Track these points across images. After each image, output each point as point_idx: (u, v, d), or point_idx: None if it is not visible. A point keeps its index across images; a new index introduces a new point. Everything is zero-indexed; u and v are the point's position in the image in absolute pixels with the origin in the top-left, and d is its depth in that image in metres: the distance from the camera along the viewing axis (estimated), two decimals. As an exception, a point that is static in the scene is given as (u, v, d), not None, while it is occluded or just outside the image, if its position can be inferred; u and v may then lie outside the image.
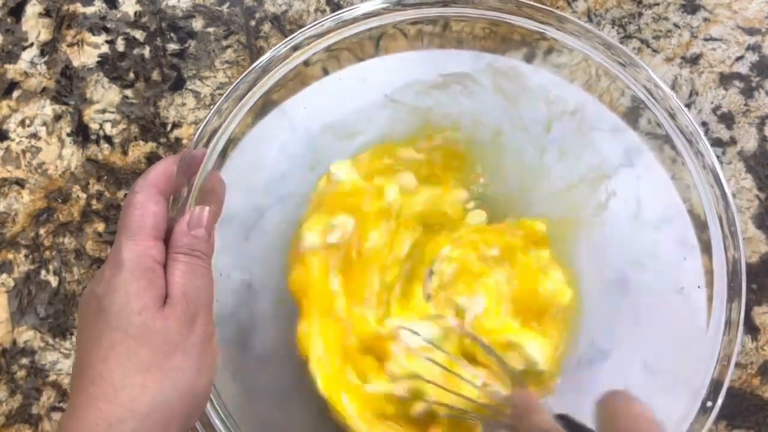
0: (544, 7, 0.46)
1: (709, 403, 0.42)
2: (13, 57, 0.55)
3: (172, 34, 0.55)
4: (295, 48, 0.45)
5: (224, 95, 0.45)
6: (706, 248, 0.44)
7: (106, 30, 0.56)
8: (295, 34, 0.45)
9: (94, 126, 0.54)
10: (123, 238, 0.35)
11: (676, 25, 0.54)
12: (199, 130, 0.44)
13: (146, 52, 0.55)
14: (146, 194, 0.37)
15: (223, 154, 0.45)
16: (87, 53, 0.55)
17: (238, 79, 0.45)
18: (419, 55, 0.47)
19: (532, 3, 0.45)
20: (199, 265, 0.36)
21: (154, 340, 0.33)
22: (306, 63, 0.46)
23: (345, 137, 0.49)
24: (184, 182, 0.40)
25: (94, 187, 0.53)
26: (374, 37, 0.46)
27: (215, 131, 0.44)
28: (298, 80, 0.46)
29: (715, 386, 0.42)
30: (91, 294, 0.35)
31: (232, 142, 0.45)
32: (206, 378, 0.35)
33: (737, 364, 0.49)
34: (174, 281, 0.35)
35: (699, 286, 0.44)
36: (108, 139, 0.54)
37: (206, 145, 0.44)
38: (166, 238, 0.37)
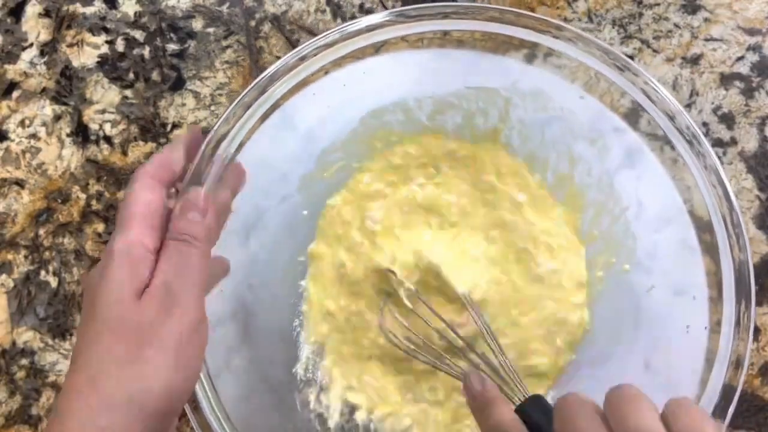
0: (541, 17, 0.46)
1: (723, 406, 0.42)
2: (12, 57, 0.55)
3: (171, 35, 0.55)
4: (302, 59, 0.46)
5: (232, 105, 0.45)
6: (708, 249, 0.44)
7: (106, 30, 0.56)
8: (303, 45, 0.46)
9: (93, 126, 0.54)
10: (116, 227, 0.35)
11: (676, 26, 0.54)
12: (207, 139, 0.45)
13: (146, 52, 0.55)
14: (140, 183, 0.36)
15: (231, 159, 0.45)
16: (87, 53, 0.55)
17: (246, 90, 0.45)
18: (423, 55, 0.47)
19: (529, 13, 0.46)
20: (186, 251, 0.35)
21: (128, 332, 0.33)
22: (312, 73, 0.46)
23: (347, 138, 0.49)
24: (187, 166, 0.39)
25: (94, 187, 0.53)
26: (376, 46, 0.47)
27: (223, 137, 0.45)
28: (301, 83, 0.46)
29: (728, 390, 0.42)
30: (88, 282, 0.35)
31: (239, 147, 0.45)
32: (185, 373, 0.34)
33: (737, 365, 0.48)
34: (158, 268, 0.34)
35: (700, 288, 0.44)
36: (108, 139, 0.54)
37: (213, 152, 0.44)
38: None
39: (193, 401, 0.42)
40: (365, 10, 0.55)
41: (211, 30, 0.55)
